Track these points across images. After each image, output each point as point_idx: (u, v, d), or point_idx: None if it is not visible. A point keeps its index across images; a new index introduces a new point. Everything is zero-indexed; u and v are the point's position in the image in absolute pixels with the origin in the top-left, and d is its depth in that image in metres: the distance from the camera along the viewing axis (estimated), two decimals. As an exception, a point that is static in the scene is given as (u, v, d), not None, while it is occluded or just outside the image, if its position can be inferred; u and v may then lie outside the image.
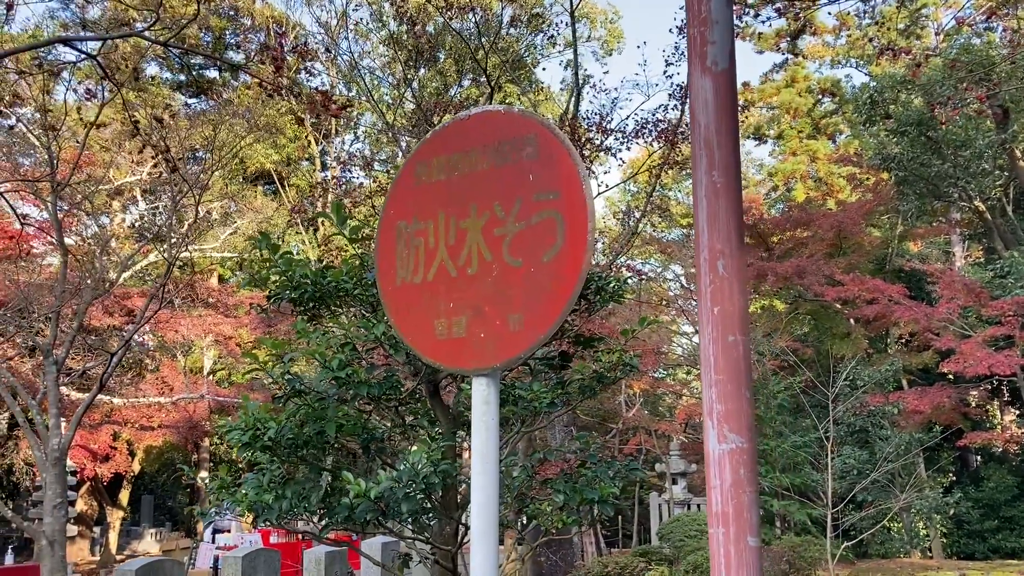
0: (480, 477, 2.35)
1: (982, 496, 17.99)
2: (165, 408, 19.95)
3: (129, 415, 19.70)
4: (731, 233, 2.09)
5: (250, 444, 3.70)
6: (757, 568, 2.00)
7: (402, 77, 24.93)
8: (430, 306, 2.52)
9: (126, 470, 22.67)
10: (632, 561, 7.78)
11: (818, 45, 29.56)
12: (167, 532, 25.97)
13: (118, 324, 18.51)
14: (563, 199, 2.32)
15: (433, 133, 2.68)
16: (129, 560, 8.05)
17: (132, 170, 19.42)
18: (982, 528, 17.67)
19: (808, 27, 27.58)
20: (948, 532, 17.70)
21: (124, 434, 20.71)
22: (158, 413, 20.08)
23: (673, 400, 26.94)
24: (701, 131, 2.16)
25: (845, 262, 18.63)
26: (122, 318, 18.10)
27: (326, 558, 6.42)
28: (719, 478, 2.02)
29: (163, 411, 20.09)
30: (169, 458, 26.17)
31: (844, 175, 24.46)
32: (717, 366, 2.05)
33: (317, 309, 4.23)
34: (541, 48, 25.19)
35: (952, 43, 20.30)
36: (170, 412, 20.26)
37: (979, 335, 13.79)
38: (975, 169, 16.37)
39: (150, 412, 19.91)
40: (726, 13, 2.21)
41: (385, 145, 27.93)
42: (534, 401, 4.08)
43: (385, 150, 27.64)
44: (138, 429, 20.39)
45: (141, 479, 26.52)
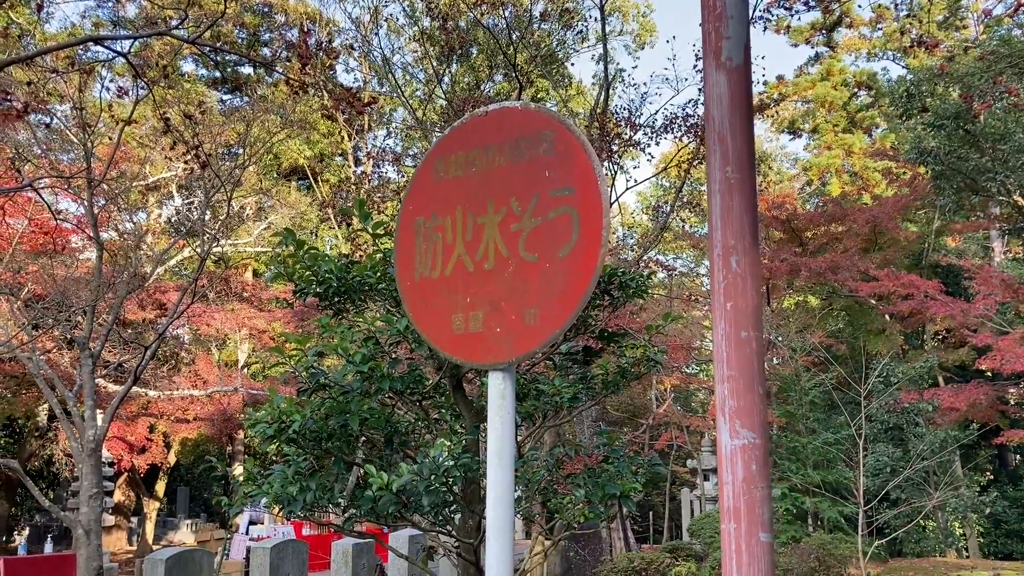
0: (496, 471, 2.37)
1: (1021, 495, 17.70)
2: (200, 401, 20.22)
3: (165, 408, 20.00)
4: (745, 229, 2.09)
5: (275, 436, 3.75)
6: (769, 564, 2.00)
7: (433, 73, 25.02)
8: (447, 301, 2.55)
9: (162, 462, 23.02)
10: (659, 557, 7.77)
11: (854, 38, 29.21)
12: (202, 523, 26.32)
13: (153, 318, 18.79)
14: (578, 195, 2.33)
15: (452, 129, 2.70)
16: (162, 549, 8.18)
17: (168, 166, 19.67)
18: (1020, 528, 17.39)
19: (844, 19, 27.26)
20: (985, 531, 17.44)
21: (160, 426, 21.03)
22: (193, 406, 20.37)
23: (706, 396, 26.80)
24: (715, 126, 2.16)
25: (880, 257, 18.40)
26: (157, 312, 18.37)
27: (353, 550, 6.48)
28: (731, 473, 2.02)
29: (198, 404, 20.37)
30: (204, 450, 26.54)
31: (880, 169, 24.16)
32: (730, 362, 2.05)
33: (342, 304, 4.27)
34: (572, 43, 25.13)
35: (992, 35, 19.96)
36: (205, 405, 20.54)
37: (1017, 331, 13.56)
38: (1015, 163, 16.05)
39: (185, 405, 20.20)
40: (741, 9, 2.20)
41: (416, 141, 28.05)
42: (556, 396, 4.09)
43: (416, 145, 27.73)
44: (174, 421, 20.71)
45: (177, 471, 26.90)
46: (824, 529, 12.82)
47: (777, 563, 8.22)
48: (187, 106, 11.76)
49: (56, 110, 14.74)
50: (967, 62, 16.70)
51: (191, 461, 27.15)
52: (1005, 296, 14.03)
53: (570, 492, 3.99)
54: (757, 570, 1.96)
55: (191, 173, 19.45)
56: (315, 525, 18.37)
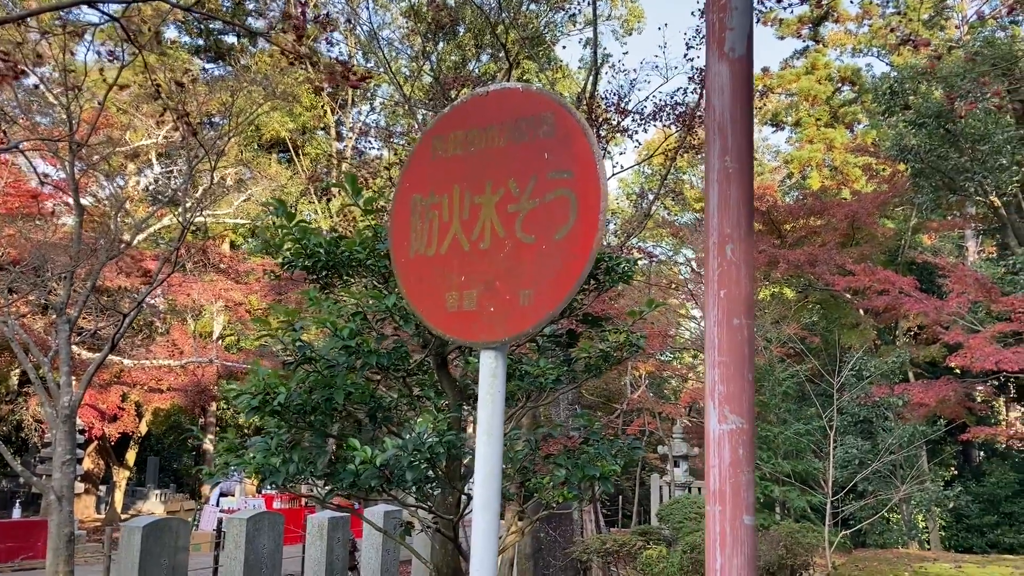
0: (484, 448, 2.40)
1: (983, 491, 18.03)
2: (174, 371, 20.13)
3: (138, 377, 19.89)
4: (741, 218, 2.13)
5: (259, 409, 3.76)
6: (751, 546, 2.05)
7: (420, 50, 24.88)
8: (442, 279, 2.56)
9: (133, 431, 22.92)
10: (631, 539, 7.88)
11: (840, 33, 29.34)
12: (171, 493, 26.26)
13: (129, 286, 18.66)
14: (577, 178, 2.35)
15: (451, 108, 2.71)
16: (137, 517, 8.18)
17: (148, 133, 19.47)
18: (981, 523, 17.73)
19: (831, 14, 27.37)
20: (947, 525, 17.77)
21: (133, 395, 20.92)
22: (167, 376, 20.28)
23: (679, 383, 27.05)
24: (716, 116, 2.19)
25: (857, 252, 18.59)
26: (134, 279, 18.23)
27: (329, 523, 6.52)
28: (718, 457, 2.06)
29: (172, 374, 20.28)
30: (176, 421, 26.43)
31: (860, 165, 24.36)
32: (721, 348, 2.09)
33: (329, 278, 4.28)
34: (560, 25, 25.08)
35: (976, 36, 20.13)
36: (179, 375, 20.45)
37: (988, 330, 13.76)
38: (992, 164, 16.26)
39: (159, 375, 20.10)
40: (745, 0, 2.23)
41: (401, 117, 27.91)
42: (540, 377, 4.13)
43: (401, 122, 27.60)
44: (147, 391, 20.60)
45: (148, 440, 26.77)
46: (791, 518, 13.01)
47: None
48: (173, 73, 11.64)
49: (36, 72, 14.51)
50: (951, 62, 16.86)
51: (163, 431, 27.04)
52: (978, 295, 14.23)
53: (550, 472, 4.04)
54: (740, 551, 2.02)
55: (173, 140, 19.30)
56: (287, 498, 18.43)
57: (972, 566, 9.40)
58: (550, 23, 23.88)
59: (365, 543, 7.11)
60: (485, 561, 2.38)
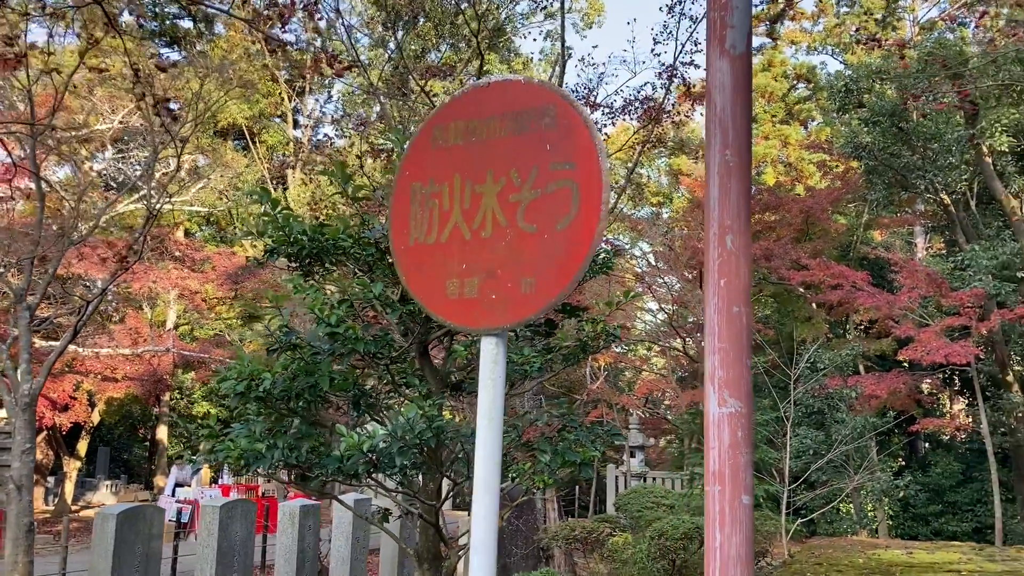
0: (485, 431, 2.47)
1: (928, 481, 18.54)
2: (129, 360, 19.82)
3: (92, 365, 19.56)
4: (740, 210, 2.21)
5: (244, 394, 3.78)
6: (749, 525, 2.14)
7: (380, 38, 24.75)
8: (442, 266, 2.61)
9: (85, 420, 22.53)
10: (598, 527, 8.01)
11: (796, 30, 29.82)
12: (123, 484, 25.88)
13: (84, 272, 18.33)
14: (579, 170, 2.41)
15: (452, 98, 2.76)
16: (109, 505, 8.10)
17: (103, 118, 19.12)
18: (927, 512, 18.24)
19: (788, 11, 27.77)
20: (894, 515, 18.23)
21: (86, 384, 20.56)
22: (123, 364, 19.96)
23: (633, 375, 27.33)
24: (716, 112, 2.27)
25: (811, 247, 18.95)
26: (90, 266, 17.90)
27: (300, 511, 6.53)
28: (718, 439, 2.15)
29: (127, 363, 19.97)
30: (128, 411, 26.03)
31: (814, 161, 24.80)
32: (721, 335, 2.18)
33: (311, 266, 4.29)
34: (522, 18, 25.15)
35: (927, 37, 20.60)
36: (134, 364, 20.15)
37: (937, 324, 14.15)
38: (943, 162, 16.68)
39: (114, 363, 19.78)
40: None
41: (359, 106, 27.73)
42: (524, 365, 4.20)
43: (360, 111, 27.42)
44: (101, 380, 20.26)
45: (99, 431, 26.34)
46: (750, 507, 13.25)
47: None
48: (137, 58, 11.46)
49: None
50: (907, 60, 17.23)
51: (114, 422, 26.62)
52: (928, 290, 14.61)
53: (531, 458, 4.11)
54: (739, 529, 2.10)
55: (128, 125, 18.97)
56: (243, 489, 18.30)
57: (922, 552, 9.69)
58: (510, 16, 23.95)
59: (335, 531, 7.13)
60: (486, 542, 2.44)
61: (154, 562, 5.67)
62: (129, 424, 28.78)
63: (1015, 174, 17.67)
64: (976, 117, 16.83)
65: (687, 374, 21.67)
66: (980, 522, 17.58)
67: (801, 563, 9.13)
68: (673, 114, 12.16)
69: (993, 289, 14.42)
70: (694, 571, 6.86)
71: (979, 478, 17.87)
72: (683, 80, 11.50)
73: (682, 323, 21.57)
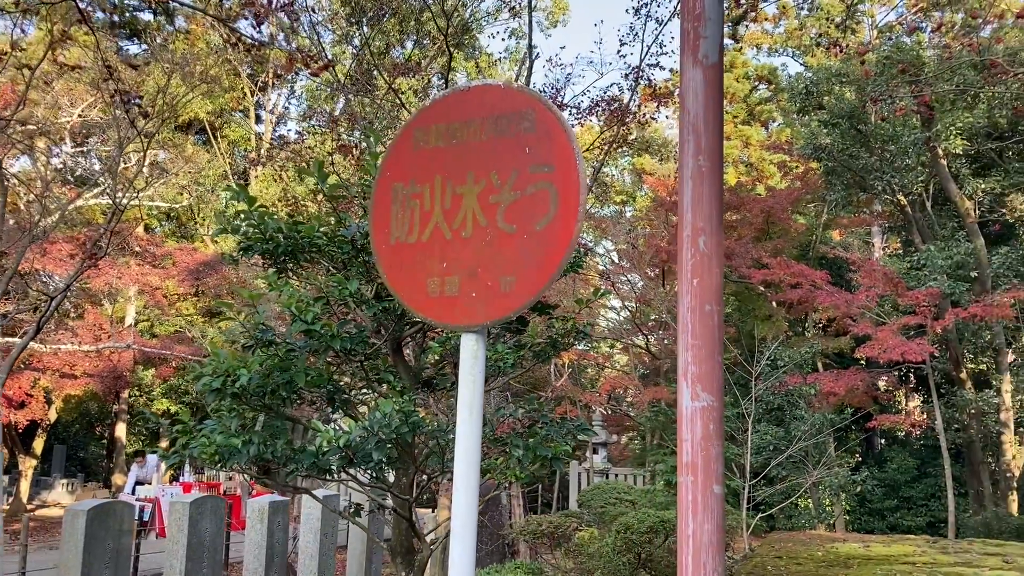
0: (465, 426, 2.55)
1: (885, 476, 18.95)
2: (89, 356, 19.57)
3: (50, 362, 19.28)
4: (713, 213, 2.31)
5: (220, 391, 3.81)
6: (720, 514, 2.24)
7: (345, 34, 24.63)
8: (423, 265, 2.69)
9: (42, 418, 22.18)
10: (565, 521, 8.12)
11: (758, 32, 30.19)
12: (79, 483, 25.53)
13: (42, 268, 18.07)
14: (557, 172, 2.50)
15: (433, 101, 2.83)
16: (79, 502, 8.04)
17: (62, 111, 18.85)
18: (883, 506, 18.65)
19: (750, 13, 28.12)
20: (852, 509, 18.60)
21: (43, 381, 20.26)
22: (82, 361, 19.69)
23: (595, 372, 27.50)
24: (689, 118, 2.36)
25: (771, 246, 19.24)
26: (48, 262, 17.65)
27: (270, 508, 6.55)
28: (690, 432, 2.25)
29: (87, 359, 19.71)
30: (86, 408, 25.67)
31: (775, 162, 25.17)
32: (694, 332, 2.28)
33: (286, 263, 4.33)
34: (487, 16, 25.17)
35: (884, 40, 21.01)
36: (93, 361, 19.89)
37: (894, 323, 14.46)
38: (900, 164, 17.04)
39: (73, 360, 19.51)
40: (718, 11, 2.41)
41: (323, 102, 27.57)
42: (499, 361, 4.28)
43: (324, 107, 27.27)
44: (59, 376, 19.96)
45: (55, 429, 25.94)
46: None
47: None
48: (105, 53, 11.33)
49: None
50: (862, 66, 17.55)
51: (73, 419, 26.24)
52: (886, 289, 14.92)
53: (503, 453, 4.19)
54: (710, 517, 2.21)
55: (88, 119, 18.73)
56: (204, 487, 18.14)
57: (879, 545, 9.92)
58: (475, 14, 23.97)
59: (303, 527, 7.16)
60: (465, 533, 2.52)
61: (124, 558, 5.66)
62: (86, 422, 28.37)
63: (969, 176, 18.10)
64: (932, 120, 17.21)
65: (649, 371, 21.88)
66: (934, 516, 18.02)
67: (762, 556, 9.31)
68: (639, 115, 12.32)
69: (948, 288, 14.78)
70: (659, 564, 7.00)
71: (933, 473, 18.30)
72: (648, 82, 11.66)
73: (644, 321, 21.79)
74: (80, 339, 19.24)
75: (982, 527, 15.15)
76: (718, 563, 2.20)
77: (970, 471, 17.94)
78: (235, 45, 6.39)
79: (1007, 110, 16.75)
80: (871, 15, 28.25)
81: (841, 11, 28.37)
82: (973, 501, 17.46)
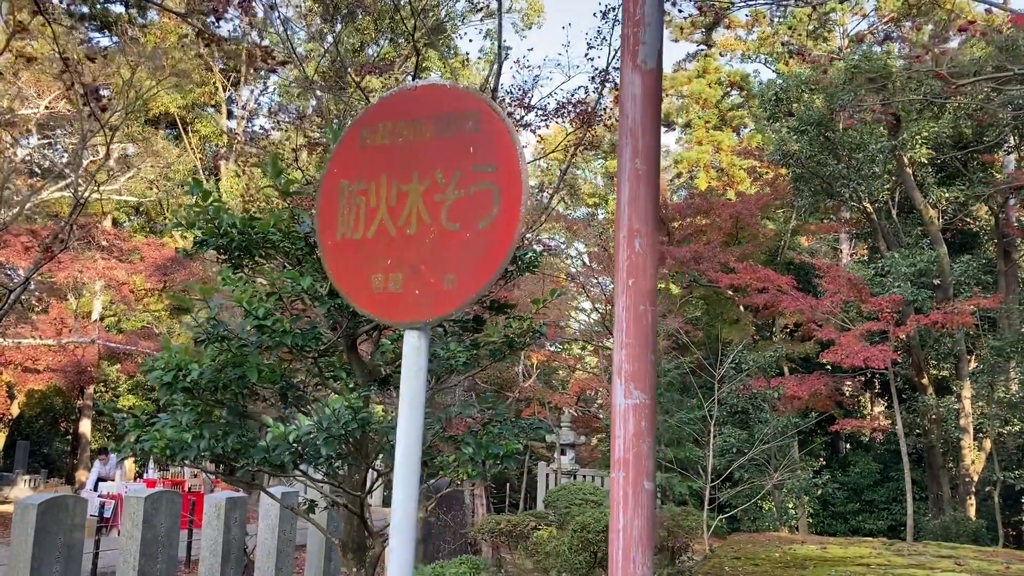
0: (406, 420, 2.57)
1: (848, 480, 19.19)
2: (52, 351, 19.35)
3: (12, 356, 19.05)
4: (649, 215, 2.36)
5: (171, 385, 3.81)
6: (650, 509, 2.29)
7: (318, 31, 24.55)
8: (368, 262, 2.71)
9: (4, 413, 21.92)
10: (524, 520, 8.17)
11: (731, 38, 30.43)
12: (42, 479, 25.20)
13: (4, 260, 17.88)
14: (500, 172, 2.53)
15: (380, 100, 2.86)
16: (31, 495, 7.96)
17: (28, 103, 18.63)
18: (845, 510, 18.89)
19: (722, 20, 28.33)
20: (815, 512, 18.81)
21: (5, 375, 20.01)
22: (45, 356, 19.48)
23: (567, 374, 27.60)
24: (628, 122, 2.41)
25: (740, 251, 19.42)
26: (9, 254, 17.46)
27: (227, 504, 6.53)
28: (623, 428, 2.29)
29: (50, 354, 19.49)
30: (50, 404, 25.38)
31: (745, 168, 25.40)
32: (628, 331, 2.32)
33: (241, 259, 4.33)
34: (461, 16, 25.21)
35: (854, 50, 21.26)
36: (57, 355, 19.67)
37: (857, 329, 14.64)
38: (867, 172, 17.26)
39: (36, 354, 19.29)
40: (658, 17, 2.46)
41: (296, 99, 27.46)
42: (451, 359, 4.31)
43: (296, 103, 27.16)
44: (22, 371, 19.73)
45: (18, 424, 25.62)
46: (673, 503, 13.60)
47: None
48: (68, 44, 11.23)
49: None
50: (832, 73, 17.78)
51: (35, 415, 25.91)
52: (850, 295, 15.11)
53: (454, 451, 4.22)
54: (641, 513, 2.25)
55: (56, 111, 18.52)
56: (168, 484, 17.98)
57: (836, 547, 10.07)
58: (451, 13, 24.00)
59: (261, 524, 7.14)
60: (405, 525, 2.54)
61: (76, 552, 5.62)
62: (50, 417, 28.03)
63: (934, 185, 18.38)
64: (898, 129, 17.47)
65: (618, 374, 21.94)
66: (895, 520, 18.26)
67: (720, 557, 9.42)
68: (605, 118, 12.40)
69: (911, 295, 15.00)
70: (615, 563, 7.04)
71: (896, 477, 18.54)
72: (615, 84, 11.75)
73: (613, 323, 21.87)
74: (41, 333, 19.02)
75: (940, 531, 15.40)
76: (647, 558, 2.25)
77: (930, 476, 18.20)
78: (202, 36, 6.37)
79: (972, 120, 17.03)
80: (842, 24, 28.57)
81: (814, 19, 28.68)
82: (933, 505, 17.71)
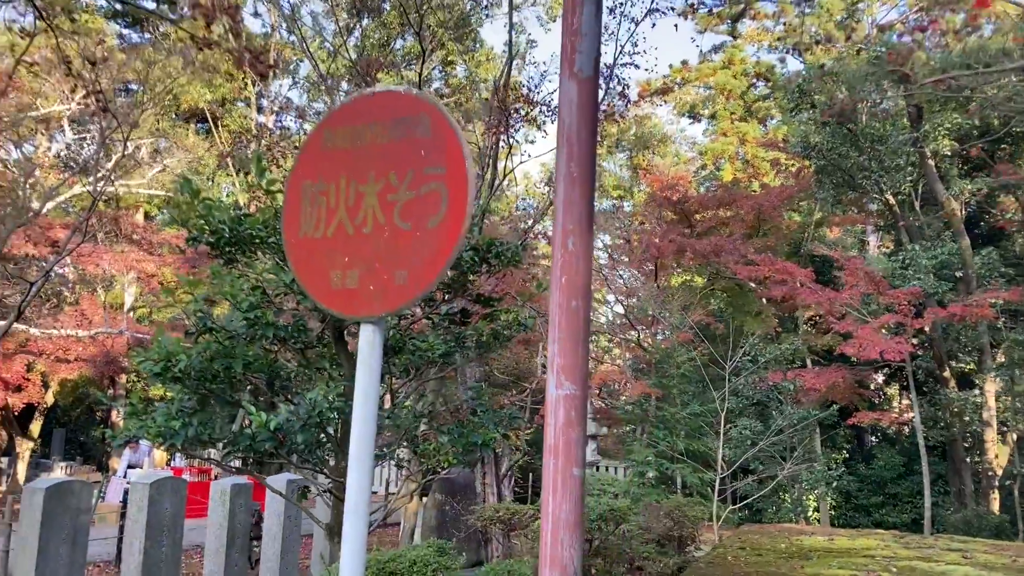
0: (360, 410, 2.72)
1: (871, 473, 19.09)
2: (83, 342, 19.83)
3: (45, 346, 19.54)
4: (582, 215, 2.48)
5: (161, 374, 4.00)
6: (579, 494, 2.42)
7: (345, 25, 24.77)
8: (328, 259, 2.86)
9: (39, 401, 22.46)
10: (524, 509, 8.31)
11: (757, 29, 30.21)
12: (78, 466, 25.80)
13: (37, 254, 18.32)
14: (448, 174, 2.66)
15: (341, 104, 3.01)
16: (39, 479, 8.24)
17: (61, 99, 19.06)
18: (868, 503, 18.80)
19: (747, 11, 28.15)
20: (837, 505, 18.76)
21: (39, 365, 20.52)
22: (76, 346, 19.96)
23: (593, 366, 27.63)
24: (564, 128, 2.53)
25: (762, 243, 19.35)
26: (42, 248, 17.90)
27: (232, 489, 6.73)
28: (554, 417, 2.42)
29: (81, 344, 19.97)
30: (83, 393, 25.93)
31: (769, 159, 25.25)
32: (560, 326, 2.45)
33: (232, 254, 4.50)
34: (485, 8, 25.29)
35: (881, 40, 21.06)
36: (88, 346, 20.15)
37: (875, 321, 14.59)
38: (889, 164, 17.14)
39: (67, 344, 19.77)
40: (595, 27, 2.57)
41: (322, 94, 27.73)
42: (428, 351, 4.45)
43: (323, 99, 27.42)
44: (54, 361, 20.23)
45: (54, 412, 26.22)
46: (688, 494, 13.68)
47: (637, 522, 8.85)
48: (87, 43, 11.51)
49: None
50: (856, 63, 17.67)
51: (70, 403, 26.50)
52: (869, 288, 15.05)
53: (435, 439, 4.37)
54: (569, 498, 2.38)
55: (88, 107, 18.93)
56: (196, 471, 18.36)
57: (843, 539, 10.08)
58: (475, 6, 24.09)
59: (268, 511, 7.34)
60: (358, 509, 2.69)
61: (82, 536, 5.86)
62: (86, 407, 28.65)
63: (956, 177, 18.19)
64: (920, 120, 17.31)
65: (643, 365, 22.04)
66: (918, 513, 18.13)
67: (726, 548, 9.48)
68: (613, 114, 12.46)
69: (931, 288, 14.90)
70: (613, 551, 7.18)
71: (919, 471, 18.41)
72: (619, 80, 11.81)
73: (639, 315, 21.91)
74: (62, 324, 19.50)
75: (962, 524, 15.30)
76: (575, 539, 2.38)
77: (953, 470, 18.06)
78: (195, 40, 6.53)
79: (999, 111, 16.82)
80: (871, 13, 28.25)
81: (841, 9, 28.38)
82: (955, 499, 17.59)
